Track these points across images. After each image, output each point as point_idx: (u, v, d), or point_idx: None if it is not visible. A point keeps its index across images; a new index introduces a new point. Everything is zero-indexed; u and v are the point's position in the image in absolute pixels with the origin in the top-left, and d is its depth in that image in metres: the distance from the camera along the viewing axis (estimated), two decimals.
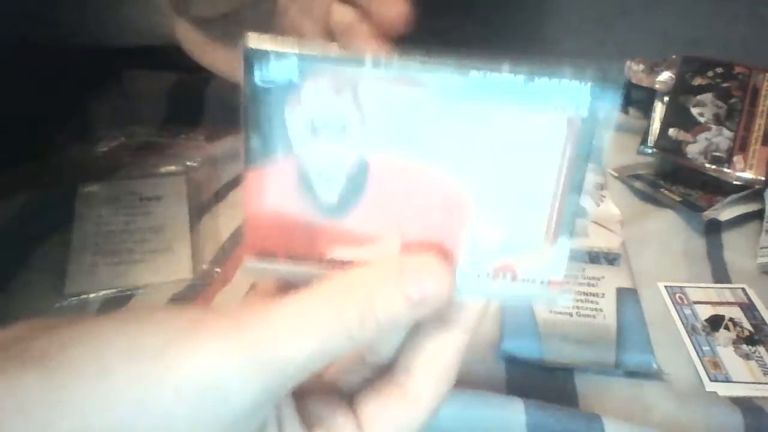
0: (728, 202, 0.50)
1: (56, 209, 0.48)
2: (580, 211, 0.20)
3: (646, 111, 0.57)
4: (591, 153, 0.19)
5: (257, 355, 0.17)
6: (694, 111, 0.54)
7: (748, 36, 0.63)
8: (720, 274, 0.47)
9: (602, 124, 0.18)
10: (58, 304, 0.41)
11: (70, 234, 0.46)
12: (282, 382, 0.18)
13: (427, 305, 0.19)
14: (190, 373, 0.16)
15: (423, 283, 0.19)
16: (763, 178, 0.51)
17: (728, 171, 0.52)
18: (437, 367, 0.21)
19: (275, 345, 0.17)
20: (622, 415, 0.34)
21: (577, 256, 0.21)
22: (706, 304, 0.44)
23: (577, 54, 0.67)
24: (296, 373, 0.18)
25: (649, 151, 0.55)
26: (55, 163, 0.53)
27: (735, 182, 0.51)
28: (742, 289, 0.45)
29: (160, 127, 0.58)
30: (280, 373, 0.17)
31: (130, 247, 0.46)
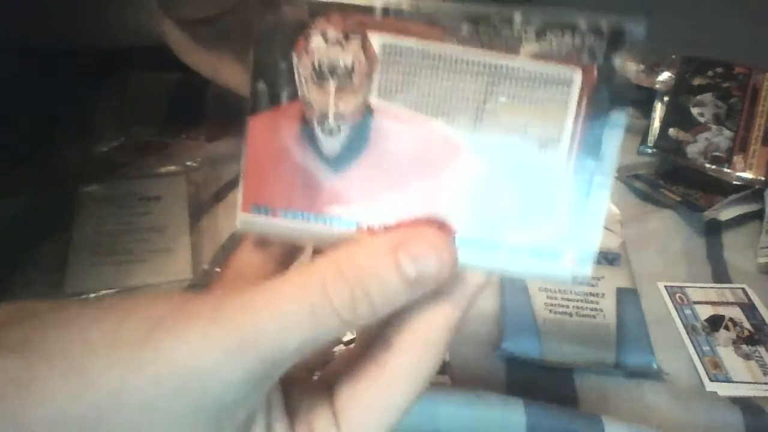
0: (728, 202, 0.50)
1: (56, 209, 0.48)
2: (599, 180, 0.18)
3: (646, 111, 0.57)
4: (608, 112, 0.18)
5: (241, 343, 0.16)
6: (694, 111, 0.54)
7: (748, 36, 0.63)
8: (720, 274, 0.47)
9: (619, 78, 0.17)
10: None
11: (70, 234, 0.46)
12: (267, 370, 0.16)
13: (426, 283, 0.17)
14: (170, 361, 0.15)
15: (421, 260, 0.17)
16: (763, 178, 0.51)
17: (728, 171, 0.52)
18: (420, 342, 0.19)
19: (260, 331, 0.16)
20: (622, 415, 0.34)
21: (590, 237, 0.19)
22: (706, 304, 0.44)
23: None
24: (282, 362, 0.17)
25: (649, 151, 0.55)
26: (55, 163, 0.53)
27: (735, 182, 0.51)
28: (742, 289, 0.45)
29: (160, 127, 0.58)
30: (265, 362, 0.16)
31: (129, 247, 0.46)
